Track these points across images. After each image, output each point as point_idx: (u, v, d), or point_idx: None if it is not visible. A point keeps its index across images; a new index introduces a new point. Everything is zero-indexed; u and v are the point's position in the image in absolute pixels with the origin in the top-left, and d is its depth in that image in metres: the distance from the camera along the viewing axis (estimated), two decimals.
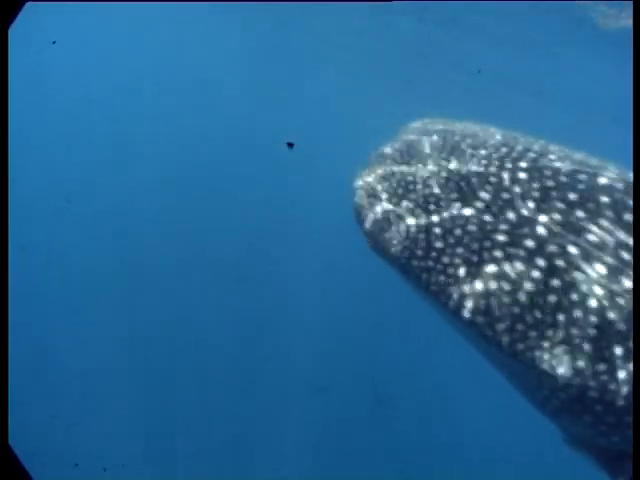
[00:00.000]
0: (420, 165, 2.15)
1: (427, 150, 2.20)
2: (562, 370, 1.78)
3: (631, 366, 1.73)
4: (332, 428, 10.32)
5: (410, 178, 2.13)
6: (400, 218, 2.07)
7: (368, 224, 2.15)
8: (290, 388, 10.52)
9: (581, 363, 1.76)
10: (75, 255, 13.69)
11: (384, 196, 2.14)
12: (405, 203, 2.09)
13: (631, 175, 2.05)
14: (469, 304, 1.88)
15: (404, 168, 2.18)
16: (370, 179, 2.23)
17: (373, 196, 2.17)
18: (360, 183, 2.25)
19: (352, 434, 10.35)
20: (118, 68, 17.19)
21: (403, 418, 10.13)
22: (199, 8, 12.02)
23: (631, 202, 1.89)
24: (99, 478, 8.58)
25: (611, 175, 2.01)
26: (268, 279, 13.52)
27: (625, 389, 1.75)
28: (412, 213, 2.06)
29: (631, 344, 1.73)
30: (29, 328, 9.68)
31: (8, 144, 1.70)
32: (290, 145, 5.23)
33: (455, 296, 1.91)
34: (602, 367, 1.75)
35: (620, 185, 1.97)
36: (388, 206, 2.11)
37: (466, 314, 1.89)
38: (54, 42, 12.08)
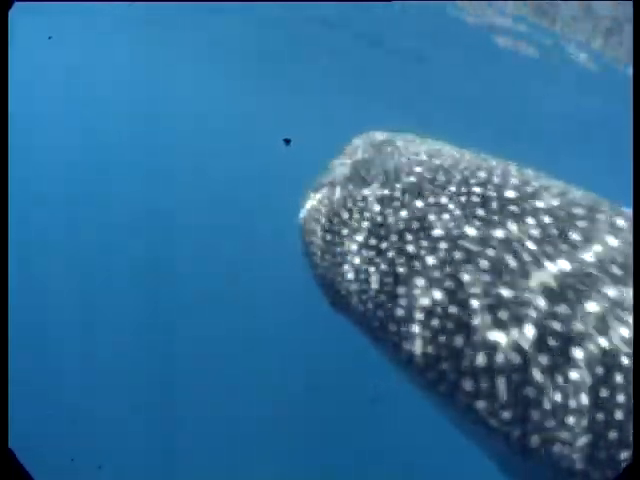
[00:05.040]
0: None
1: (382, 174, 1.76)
2: (581, 465, 1.39)
3: None
4: (328, 426, 10.32)
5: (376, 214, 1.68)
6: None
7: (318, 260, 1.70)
8: (287, 387, 10.49)
9: (603, 454, 1.39)
10: (73, 255, 13.62)
11: (345, 231, 1.69)
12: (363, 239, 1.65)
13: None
14: (466, 383, 1.38)
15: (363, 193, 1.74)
16: (320, 205, 1.79)
17: (329, 231, 1.72)
18: (306, 211, 1.81)
19: (349, 433, 10.34)
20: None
21: (399, 417, 10.13)
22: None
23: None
24: (94, 475, 8.55)
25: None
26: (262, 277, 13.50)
27: None
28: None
29: None
30: (26, 325, 9.63)
31: (8, 143, 1.68)
32: (287, 142, 5.20)
33: (451, 375, 1.40)
34: (625, 455, 1.39)
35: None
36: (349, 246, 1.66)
37: (462, 398, 1.39)
38: (50, 37, 11.98)
